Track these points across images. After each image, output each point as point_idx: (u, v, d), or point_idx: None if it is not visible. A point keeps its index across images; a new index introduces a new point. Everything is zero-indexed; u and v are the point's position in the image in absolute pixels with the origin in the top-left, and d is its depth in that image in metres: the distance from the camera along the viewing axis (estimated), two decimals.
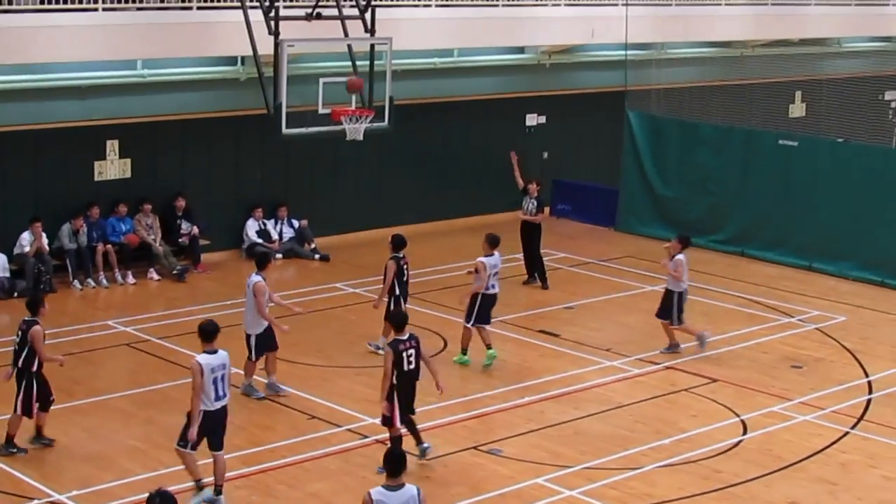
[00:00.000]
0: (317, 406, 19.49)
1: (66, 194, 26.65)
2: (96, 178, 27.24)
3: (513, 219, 28.13)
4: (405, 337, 16.97)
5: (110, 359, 21.64)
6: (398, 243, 21.85)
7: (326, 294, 25.57)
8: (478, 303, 21.59)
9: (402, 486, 12.11)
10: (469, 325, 21.71)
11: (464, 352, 21.82)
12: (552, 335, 23.49)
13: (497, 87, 33.46)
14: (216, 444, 15.78)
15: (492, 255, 21.84)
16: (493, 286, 21.76)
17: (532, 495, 16.71)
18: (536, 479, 17.19)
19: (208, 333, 15.68)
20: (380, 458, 12.90)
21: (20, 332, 17.19)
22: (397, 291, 21.60)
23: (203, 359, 15.46)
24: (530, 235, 27.10)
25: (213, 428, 15.67)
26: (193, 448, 15.60)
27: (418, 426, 17.51)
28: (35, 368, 17.14)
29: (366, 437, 18.22)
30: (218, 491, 15.80)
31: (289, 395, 19.78)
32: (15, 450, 17.22)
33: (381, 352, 20.86)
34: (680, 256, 22.46)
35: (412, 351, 16.93)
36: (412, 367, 16.91)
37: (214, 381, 15.45)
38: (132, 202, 27.36)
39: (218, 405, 15.59)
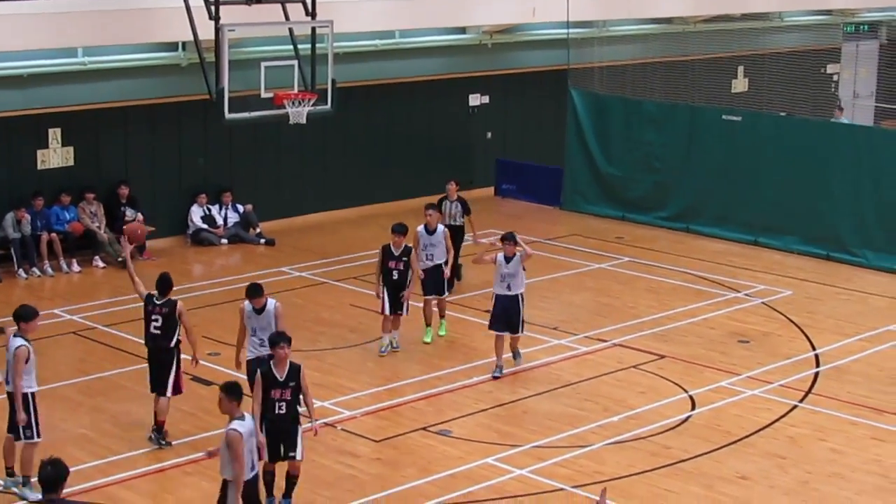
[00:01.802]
0: None
1: (9, 183, 26.52)
2: (39, 167, 27.10)
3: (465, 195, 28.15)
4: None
5: (57, 348, 21.52)
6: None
7: (273, 278, 25.51)
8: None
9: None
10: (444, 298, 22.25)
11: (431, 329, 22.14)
12: None
13: (439, 68, 33.48)
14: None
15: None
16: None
17: (482, 475, 16.77)
18: (486, 459, 17.25)
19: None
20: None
21: None
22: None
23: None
24: (454, 240, 23.47)
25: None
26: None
27: (369, 408, 17.51)
28: None
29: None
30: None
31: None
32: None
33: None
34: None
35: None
36: None
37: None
38: (76, 190, 27.23)
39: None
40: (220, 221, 29.15)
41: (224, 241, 28.80)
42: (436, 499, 16.05)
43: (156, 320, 17.40)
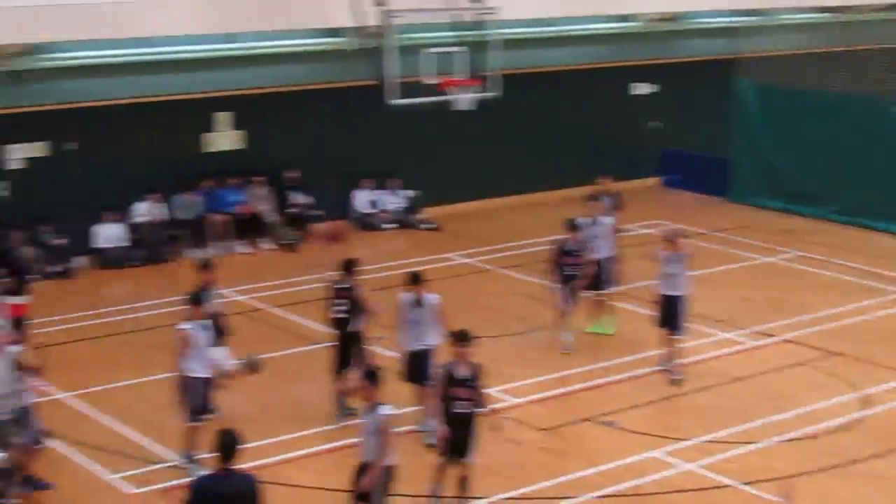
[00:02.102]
0: None
1: (180, 166, 26.98)
2: (209, 150, 27.52)
3: (621, 189, 27.82)
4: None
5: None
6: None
7: (437, 264, 25.56)
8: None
9: None
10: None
11: (596, 322, 21.79)
12: None
13: (602, 57, 33.19)
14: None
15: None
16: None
17: (648, 468, 16.60)
18: (652, 452, 17.07)
19: None
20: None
21: None
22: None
23: None
24: None
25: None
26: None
27: (534, 397, 17.41)
28: None
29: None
30: None
31: None
32: None
33: None
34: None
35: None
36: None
37: None
38: (244, 173, 27.60)
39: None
40: (384, 206, 29.29)
41: (388, 225, 28.95)
42: (601, 490, 15.93)
43: (340, 304, 17.47)
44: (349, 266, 17.86)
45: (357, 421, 13.94)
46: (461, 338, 14.90)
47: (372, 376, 13.74)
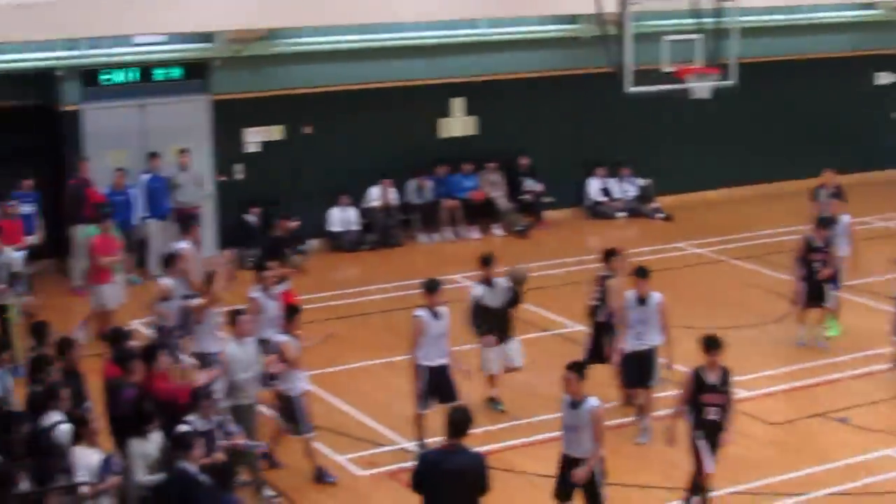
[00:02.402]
0: None
1: (413, 151, 27.27)
2: (442, 136, 27.77)
3: (862, 180, 27.29)
4: None
5: (454, 313, 21.92)
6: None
7: (668, 254, 25.34)
8: None
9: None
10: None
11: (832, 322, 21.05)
12: None
13: (844, 45, 32.36)
14: None
15: None
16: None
17: (882, 467, 16.21)
18: (887, 451, 16.67)
19: None
20: None
21: None
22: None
23: None
24: None
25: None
26: None
27: (765, 390, 17.12)
28: None
29: None
30: None
31: None
32: None
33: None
34: None
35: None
36: None
37: None
38: (477, 159, 27.77)
39: None
40: (617, 195, 29.15)
41: (621, 214, 28.82)
42: (830, 487, 15.61)
43: (596, 292, 17.60)
44: (608, 255, 17.81)
45: (561, 414, 13.81)
46: (712, 344, 14.54)
47: (579, 368, 13.66)
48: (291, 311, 16.09)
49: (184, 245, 19.73)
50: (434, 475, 11.93)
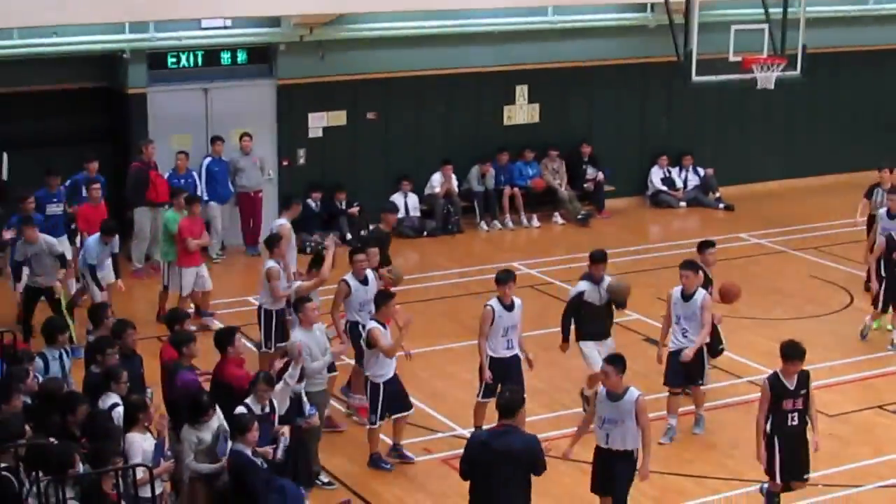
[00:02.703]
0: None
1: (476, 138, 27.33)
2: (505, 123, 27.80)
3: None
4: None
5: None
6: None
7: (730, 244, 25.24)
8: None
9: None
10: None
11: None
12: None
13: None
14: None
15: None
16: None
17: None
18: None
19: None
20: None
21: None
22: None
23: None
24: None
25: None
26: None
27: (823, 382, 17.03)
28: None
29: None
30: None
31: None
32: None
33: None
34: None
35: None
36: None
37: None
38: (539, 147, 27.79)
39: None
40: (679, 184, 29.08)
41: (683, 203, 28.75)
42: (886, 480, 15.59)
43: None
44: (702, 247, 17.84)
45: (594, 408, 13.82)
46: (793, 353, 14.28)
47: (618, 361, 13.67)
48: (384, 298, 16.04)
49: (282, 222, 19.82)
50: (484, 455, 12.06)
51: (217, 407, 13.71)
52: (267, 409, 13.96)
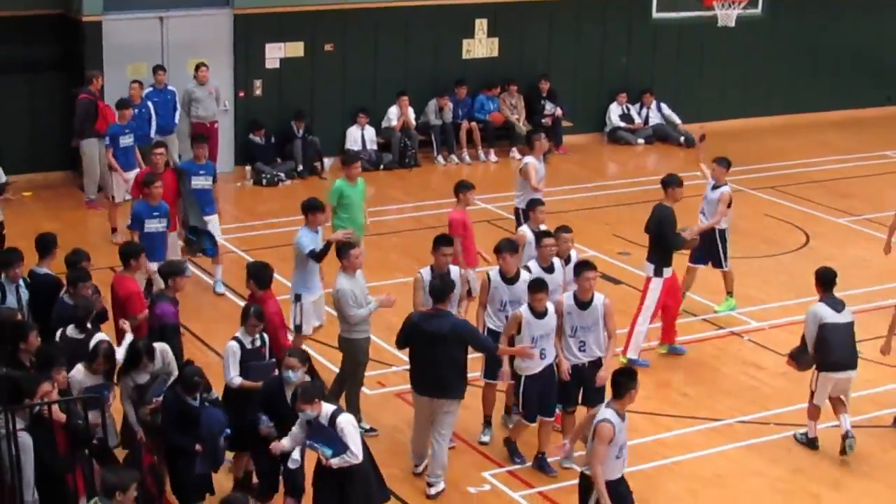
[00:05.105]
0: None
1: (434, 71, 27.20)
2: (464, 57, 27.67)
3: (884, 114, 27.04)
4: None
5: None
6: None
7: (687, 182, 25.12)
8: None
9: None
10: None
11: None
12: None
13: None
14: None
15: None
16: None
17: (891, 401, 16.35)
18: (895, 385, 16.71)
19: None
20: None
21: None
22: None
23: None
24: None
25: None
26: None
27: (777, 321, 17.06)
28: None
29: None
30: None
31: None
32: None
33: None
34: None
35: None
36: None
37: None
38: (498, 81, 27.71)
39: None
40: (638, 121, 29.06)
41: (640, 140, 28.76)
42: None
43: None
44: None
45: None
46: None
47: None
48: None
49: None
50: (415, 336, 13.96)
51: (167, 352, 13.58)
52: (258, 343, 13.83)
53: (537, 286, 14.17)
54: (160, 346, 13.54)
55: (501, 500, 14.24)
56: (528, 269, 15.23)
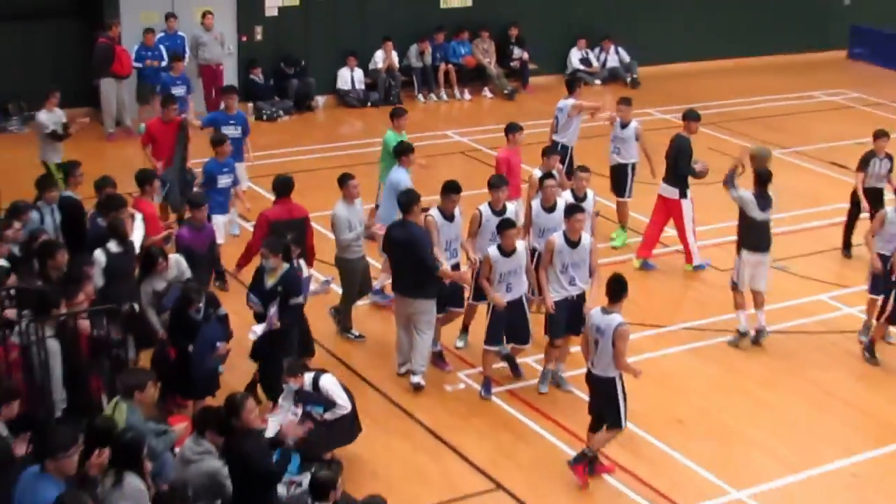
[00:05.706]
0: None
1: (416, 19, 27.12)
2: (442, 6, 27.60)
3: (810, 60, 26.87)
4: None
5: (446, 165, 22.02)
6: None
7: (638, 118, 25.18)
8: None
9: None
10: None
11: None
12: (842, 166, 22.34)
13: None
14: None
15: None
16: None
17: (814, 310, 16.59)
18: (819, 296, 17.00)
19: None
20: None
21: None
22: None
23: None
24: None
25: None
26: None
27: (714, 241, 17.15)
28: None
29: None
30: None
31: None
32: None
33: None
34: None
35: None
36: None
37: None
38: (472, 28, 27.61)
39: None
40: (596, 64, 29.01)
41: (598, 81, 28.71)
42: (770, 326, 15.82)
43: None
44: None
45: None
46: None
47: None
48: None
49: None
50: (387, 243, 14.54)
51: (181, 261, 13.59)
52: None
53: (505, 225, 13.90)
54: (174, 256, 13.60)
55: (473, 395, 14.37)
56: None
